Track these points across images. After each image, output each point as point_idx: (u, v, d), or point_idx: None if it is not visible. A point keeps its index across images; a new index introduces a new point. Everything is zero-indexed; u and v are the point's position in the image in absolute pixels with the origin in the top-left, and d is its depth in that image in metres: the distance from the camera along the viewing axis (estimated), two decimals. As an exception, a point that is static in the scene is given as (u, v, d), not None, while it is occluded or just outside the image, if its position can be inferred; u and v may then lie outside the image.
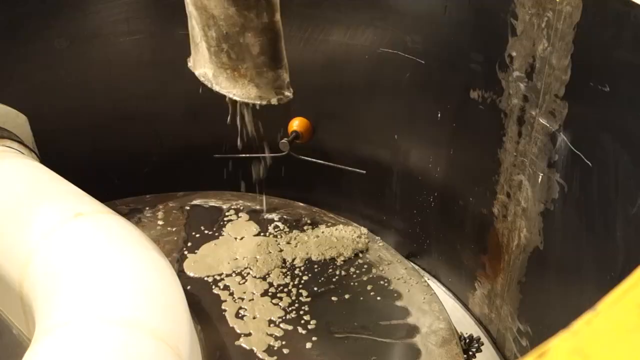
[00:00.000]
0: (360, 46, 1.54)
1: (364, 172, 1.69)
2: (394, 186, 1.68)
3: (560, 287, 1.09)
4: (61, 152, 1.52)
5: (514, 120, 1.18)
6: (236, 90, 1.18)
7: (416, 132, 1.55)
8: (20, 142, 1.46)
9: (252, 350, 1.21)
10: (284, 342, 1.23)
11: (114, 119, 1.67)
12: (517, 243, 1.24)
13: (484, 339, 1.41)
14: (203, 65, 1.22)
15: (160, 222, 1.62)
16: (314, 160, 1.65)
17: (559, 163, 1.05)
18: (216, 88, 1.21)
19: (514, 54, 1.14)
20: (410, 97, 1.52)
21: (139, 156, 1.74)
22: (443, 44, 1.37)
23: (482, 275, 1.46)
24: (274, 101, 1.18)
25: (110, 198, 1.50)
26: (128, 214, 1.62)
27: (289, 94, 1.19)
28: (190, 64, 1.28)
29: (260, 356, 1.20)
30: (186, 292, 1.14)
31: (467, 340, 1.37)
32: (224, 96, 1.71)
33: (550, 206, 1.09)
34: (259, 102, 1.18)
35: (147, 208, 1.69)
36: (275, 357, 1.19)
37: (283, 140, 1.64)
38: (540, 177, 1.11)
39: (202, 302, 1.35)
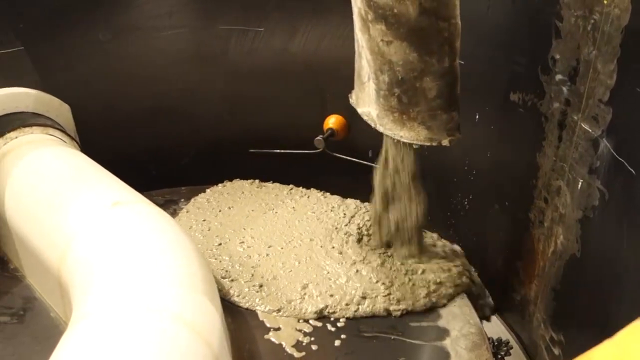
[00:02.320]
0: (399, 45, 1.53)
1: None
2: (428, 187, 1.66)
3: (597, 296, 1.07)
4: (101, 142, 1.56)
5: (554, 125, 1.16)
6: (403, 132, 1.15)
7: (453, 134, 1.53)
8: (63, 131, 1.50)
9: (280, 344, 1.22)
10: (312, 339, 1.23)
11: (154, 111, 1.70)
12: (553, 250, 1.21)
13: (515, 345, 1.39)
14: (368, 104, 1.21)
15: (194, 214, 1.64)
16: (348, 158, 1.65)
17: (600, 169, 1.03)
18: (380, 128, 1.19)
19: (557, 56, 1.12)
20: (448, 98, 1.50)
21: (176, 149, 1.77)
22: (484, 45, 1.35)
23: (516, 281, 1.43)
24: (445, 142, 1.15)
25: (147, 189, 1.53)
26: (163, 205, 1.64)
27: (459, 135, 1.17)
28: (352, 100, 1.27)
29: (289, 351, 1.20)
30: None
31: (496, 344, 1.36)
32: (260, 92, 1.73)
33: (589, 213, 1.07)
34: (428, 144, 1.15)
35: (182, 200, 1.71)
36: (303, 353, 1.20)
37: (318, 137, 1.65)
38: (580, 183, 1.08)
39: (233, 294, 1.36)
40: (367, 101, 1.21)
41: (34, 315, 1.27)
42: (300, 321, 1.27)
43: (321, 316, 1.28)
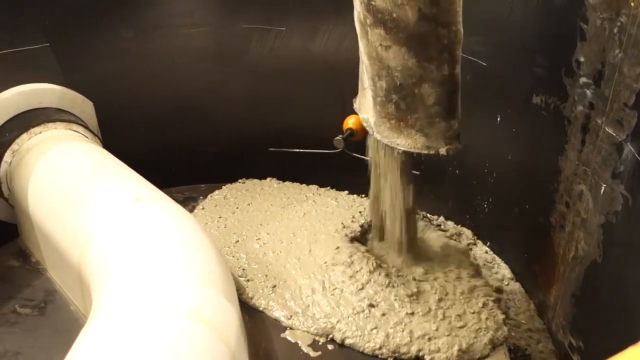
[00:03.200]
0: (421, 46, 1.52)
1: (418, 172, 1.67)
2: (447, 188, 1.66)
3: (619, 302, 1.05)
4: (123, 139, 1.57)
5: (577, 128, 1.15)
6: (400, 140, 1.14)
7: (473, 136, 1.51)
8: (86, 127, 1.52)
9: (296, 343, 1.22)
10: (329, 338, 1.23)
11: (175, 109, 1.72)
12: (573, 255, 1.20)
13: (532, 351, 1.38)
14: (367, 110, 1.20)
15: (213, 212, 1.65)
16: (367, 158, 1.64)
17: (624, 174, 1.01)
18: (377, 136, 1.18)
19: (581, 59, 1.10)
20: (469, 100, 1.49)
21: (197, 146, 1.78)
22: (507, 47, 1.34)
23: (534, 286, 1.42)
24: (442, 151, 1.13)
25: (167, 185, 1.54)
26: (183, 202, 1.66)
27: (458, 144, 1.14)
28: (355, 106, 1.26)
29: (305, 350, 1.20)
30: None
31: (512, 348, 1.34)
32: (280, 91, 1.73)
33: (612, 218, 1.05)
34: (425, 152, 1.13)
35: (201, 197, 1.73)
36: (319, 352, 1.20)
37: (338, 137, 1.64)
38: (603, 187, 1.07)
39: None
40: (367, 107, 1.20)
41: (54, 308, 1.29)
42: (317, 321, 1.27)
43: (328, 340, 1.23)
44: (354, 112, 1.68)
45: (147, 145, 1.67)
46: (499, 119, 1.41)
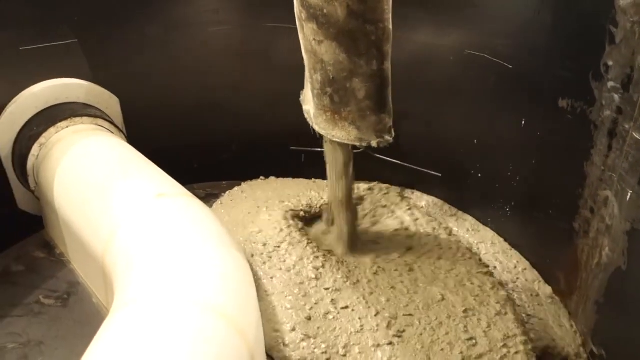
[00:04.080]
0: (445, 47, 1.51)
1: (439, 174, 1.66)
2: (469, 191, 1.64)
3: (643, 311, 1.03)
4: (147, 135, 1.59)
5: (604, 133, 1.13)
6: (335, 132, 1.19)
7: (497, 138, 1.50)
8: (111, 122, 1.54)
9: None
10: (346, 338, 1.23)
11: (198, 106, 1.73)
12: (597, 261, 1.18)
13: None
14: (309, 102, 1.25)
15: (234, 209, 1.66)
16: (389, 159, 1.64)
17: (651, 181, 1.00)
18: (316, 127, 1.24)
19: (610, 63, 1.09)
20: (494, 102, 1.48)
21: (219, 144, 1.79)
22: (533, 49, 1.32)
23: (556, 292, 1.40)
24: (373, 143, 1.18)
25: (189, 182, 1.55)
26: (204, 198, 1.66)
27: (389, 138, 1.19)
28: (301, 98, 1.31)
29: (322, 349, 1.20)
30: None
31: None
32: (302, 90, 1.74)
33: (637, 225, 1.03)
34: (358, 144, 1.19)
35: (222, 194, 1.73)
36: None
37: (359, 137, 1.64)
38: (629, 194, 1.05)
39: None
40: (308, 100, 1.25)
41: (77, 300, 1.31)
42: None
43: None
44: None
45: (170, 142, 1.68)
46: (523, 122, 1.39)
